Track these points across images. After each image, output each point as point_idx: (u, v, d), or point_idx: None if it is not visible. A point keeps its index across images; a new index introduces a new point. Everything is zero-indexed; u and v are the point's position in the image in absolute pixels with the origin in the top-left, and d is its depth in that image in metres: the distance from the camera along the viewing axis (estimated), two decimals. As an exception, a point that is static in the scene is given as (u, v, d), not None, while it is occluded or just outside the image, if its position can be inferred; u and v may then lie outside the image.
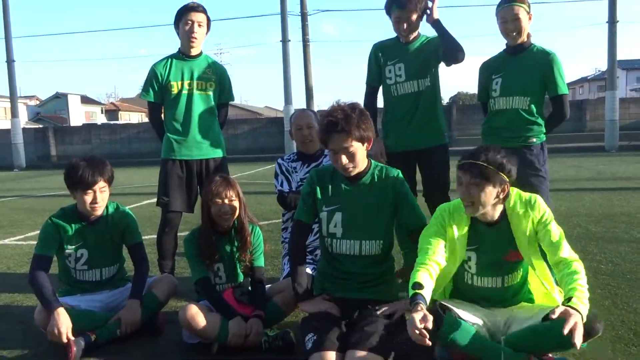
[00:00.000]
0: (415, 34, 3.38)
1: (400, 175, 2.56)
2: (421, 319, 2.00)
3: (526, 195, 2.40)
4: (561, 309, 2.03)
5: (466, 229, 2.40)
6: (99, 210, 2.83)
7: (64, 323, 2.56)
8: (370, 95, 3.60)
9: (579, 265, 2.21)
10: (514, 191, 2.41)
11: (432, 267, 2.27)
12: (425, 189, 3.55)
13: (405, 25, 3.28)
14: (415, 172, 3.53)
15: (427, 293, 2.18)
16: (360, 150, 2.44)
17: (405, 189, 2.53)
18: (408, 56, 3.37)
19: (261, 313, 2.65)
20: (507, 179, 2.29)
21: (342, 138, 2.37)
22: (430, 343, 2.02)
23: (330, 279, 2.58)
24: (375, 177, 2.53)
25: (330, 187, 2.55)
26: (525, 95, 3.19)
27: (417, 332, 1.97)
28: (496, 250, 2.39)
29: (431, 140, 3.42)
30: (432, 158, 3.42)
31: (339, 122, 2.36)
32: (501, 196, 2.32)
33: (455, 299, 2.51)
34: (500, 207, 2.37)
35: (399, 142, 3.45)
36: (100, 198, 2.78)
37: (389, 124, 3.50)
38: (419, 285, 2.18)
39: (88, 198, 2.77)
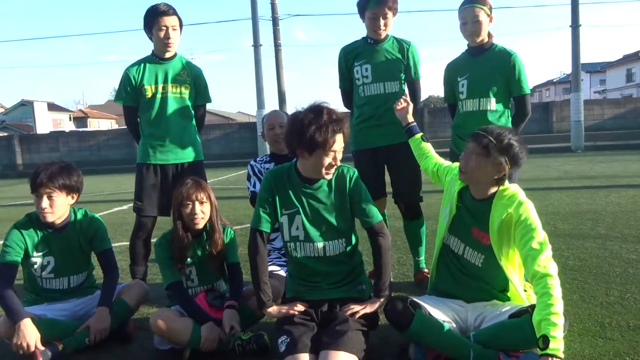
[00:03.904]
0: (386, 34, 3.42)
1: (356, 173, 2.54)
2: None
3: (521, 197, 2.34)
4: None
5: (459, 187, 2.51)
6: (49, 217, 2.72)
7: (31, 334, 2.48)
8: (347, 100, 3.65)
9: (553, 282, 2.10)
10: (514, 187, 2.40)
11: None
12: (395, 189, 3.57)
13: (381, 21, 3.31)
14: (384, 172, 3.55)
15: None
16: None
17: (359, 185, 2.51)
18: (375, 58, 3.41)
19: (234, 303, 2.63)
20: (506, 164, 2.29)
21: (342, 138, 2.36)
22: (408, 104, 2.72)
23: (300, 282, 2.56)
24: (332, 177, 2.49)
25: (288, 189, 2.50)
26: (491, 96, 3.25)
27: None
28: (470, 220, 2.45)
29: (399, 137, 3.43)
30: (401, 153, 3.43)
31: (341, 121, 2.34)
32: (495, 177, 2.33)
33: (427, 296, 2.54)
34: (493, 190, 2.39)
35: (366, 140, 3.49)
36: (46, 204, 2.68)
37: (357, 123, 3.53)
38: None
39: (36, 201, 2.70)
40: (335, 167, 2.42)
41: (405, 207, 3.60)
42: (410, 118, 3.13)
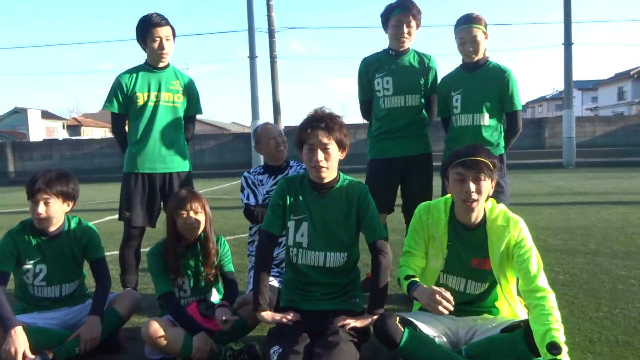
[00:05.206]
0: (408, 44, 3.48)
1: (366, 188, 2.59)
2: (438, 291, 2.15)
3: (511, 214, 2.42)
4: None
5: (445, 225, 2.46)
6: (43, 223, 2.72)
7: (20, 342, 2.47)
8: (366, 111, 3.70)
9: (552, 297, 2.17)
10: (501, 206, 2.46)
11: (413, 270, 2.41)
12: (406, 200, 3.59)
13: (405, 28, 3.37)
14: (397, 186, 3.58)
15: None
16: (335, 153, 2.48)
17: (368, 200, 2.55)
18: (396, 70, 3.46)
19: (227, 303, 2.68)
20: (496, 177, 2.41)
21: (324, 134, 2.42)
22: (452, 308, 2.18)
23: (296, 291, 2.58)
24: (343, 190, 2.55)
25: (299, 196, 2.56)
26: (485, 111, 3.30)
27: (443, 302, 2.15)
28: (467, 252, 2.44)
29: (416, 149, 3.52)
30: (416, 166, 3.50)
31: (323, 119, 2.44)
32: (490, 193, 2.40)
33: (417, 312, 2.54)
34: (482, 209, 2.42)
35: (382, 150, 3.54)
36: (42, 209, 2.67)
37: (376, 134, 3.58)
38: (410, 276, 2.33)
39: (31, 207, 2.70)
40: (324, 167, 2.44)
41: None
42: None
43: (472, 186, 2.31)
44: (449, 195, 2.50)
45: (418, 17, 3.40)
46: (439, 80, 3.59)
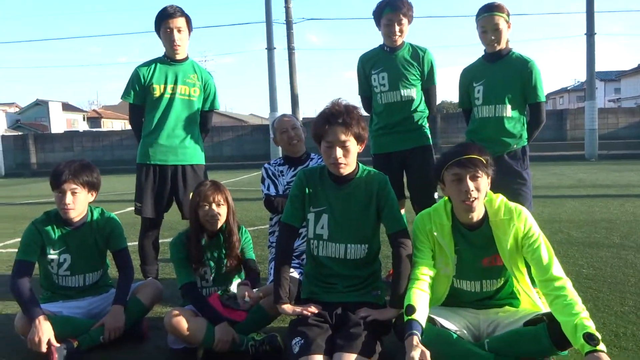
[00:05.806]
0: (401, 41, 3.48)
1: (386, 178, 2.57)
2: (420, 356, 2.01)
3: (511, 204, 2.38)
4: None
5: (449, 230, 2.41)
6: (70, 213, 2.76)
7: (45, 332, 2.51)
8: (367, 105, 3.73)
9: (570, 285, 2.16)
10: (499, 197, 2.42)
11: (423, 281, 2.33)
12: (410, 192, 3.62)
13: (396, 27, 3.39)
14: (402, 175, 3.61)
15: (421, 315, 2.19)
16: (354, 148, 2.44)
17: (388, 190, 2.52)
18: (391, 66, 3.48)
19: (248, 282, 2.76)
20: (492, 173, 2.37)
21: (342, 130, 2.37)
22: None
23: (317, 283, 2.58)
24: (363, 181, 2.53)
25: (318, 188, 2.55)
26: (507, 102, 3.24)
27: None
28: (476, 253, 2.39)
29: (412, 143, 3.55)
30: (416, 158, 3.53)
31: (341, 115, 2.39)
32: (487, 190, 2.36)
33: (437, 307, 2.49)
34: (482, 206, 2.38)
35: (381, 145, 3.58)
36: (70, 199, 2.71)
37: (376, 129, 3.61)
38: (412, 309, 2.19)
39: (58, 197, 2.74)
40: (343, 163, 2.41)
41: (419, 210, 3.63)
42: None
43: (471, 184, 2.27)
44: (446, 198, 2.45)
45: (409, 14, 3.41)
46: (436, 72, 3.60)
